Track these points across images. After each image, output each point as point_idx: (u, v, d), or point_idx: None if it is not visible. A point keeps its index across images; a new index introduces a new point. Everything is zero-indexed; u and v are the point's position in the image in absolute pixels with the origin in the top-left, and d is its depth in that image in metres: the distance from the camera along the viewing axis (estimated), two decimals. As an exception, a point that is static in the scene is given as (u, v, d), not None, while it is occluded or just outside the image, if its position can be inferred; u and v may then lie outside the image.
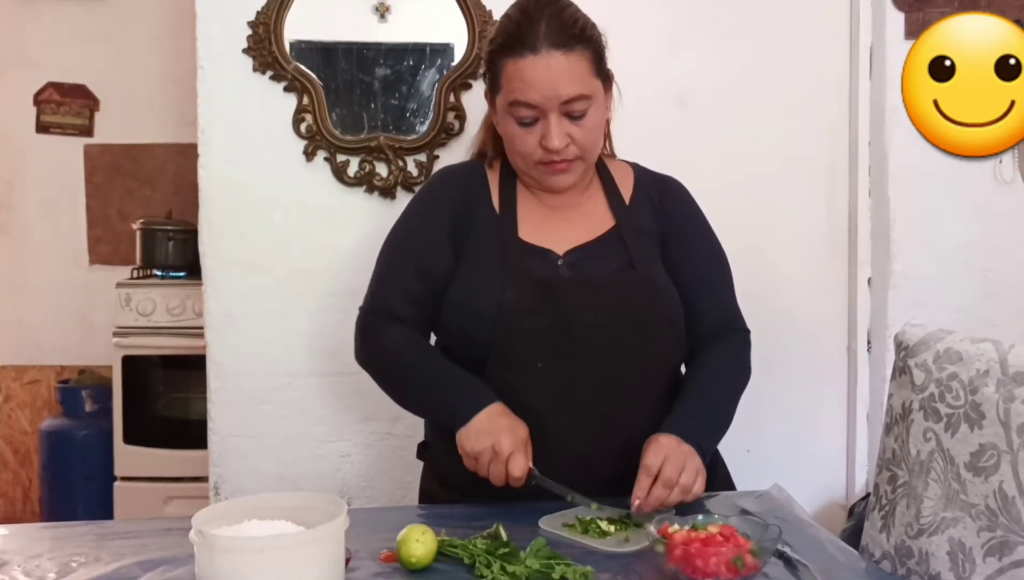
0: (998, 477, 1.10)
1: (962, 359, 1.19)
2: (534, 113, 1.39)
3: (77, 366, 3.55)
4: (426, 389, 1.43)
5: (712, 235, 1.59)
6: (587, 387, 1.39)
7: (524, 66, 1.37)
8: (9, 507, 3.63)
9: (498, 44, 1.42)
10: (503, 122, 1.45)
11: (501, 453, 1.31)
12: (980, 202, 2.23)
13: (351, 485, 2.17)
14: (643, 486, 1.29)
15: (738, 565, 1.07)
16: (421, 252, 1.49)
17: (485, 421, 1.34)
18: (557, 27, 1.38)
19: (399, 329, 1.47)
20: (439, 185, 1.57)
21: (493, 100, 1.47)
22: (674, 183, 1.61)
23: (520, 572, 1.10)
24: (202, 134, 2.09)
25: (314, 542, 1.04)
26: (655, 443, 1.32)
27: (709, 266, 1.56)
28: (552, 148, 1.40)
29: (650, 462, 1.29)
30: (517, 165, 1.48)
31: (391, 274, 1.51)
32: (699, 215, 1.59)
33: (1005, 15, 2.20)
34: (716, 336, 1.52)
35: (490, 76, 1.45)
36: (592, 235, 1.49)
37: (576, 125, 1.41)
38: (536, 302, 1.39)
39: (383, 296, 1.50)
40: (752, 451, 2.24)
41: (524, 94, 1.38)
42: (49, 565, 1.17)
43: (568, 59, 1.38)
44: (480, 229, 1.48)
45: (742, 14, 2.23)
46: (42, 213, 3.59)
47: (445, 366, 1.42)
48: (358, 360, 1.52)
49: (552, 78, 1.37)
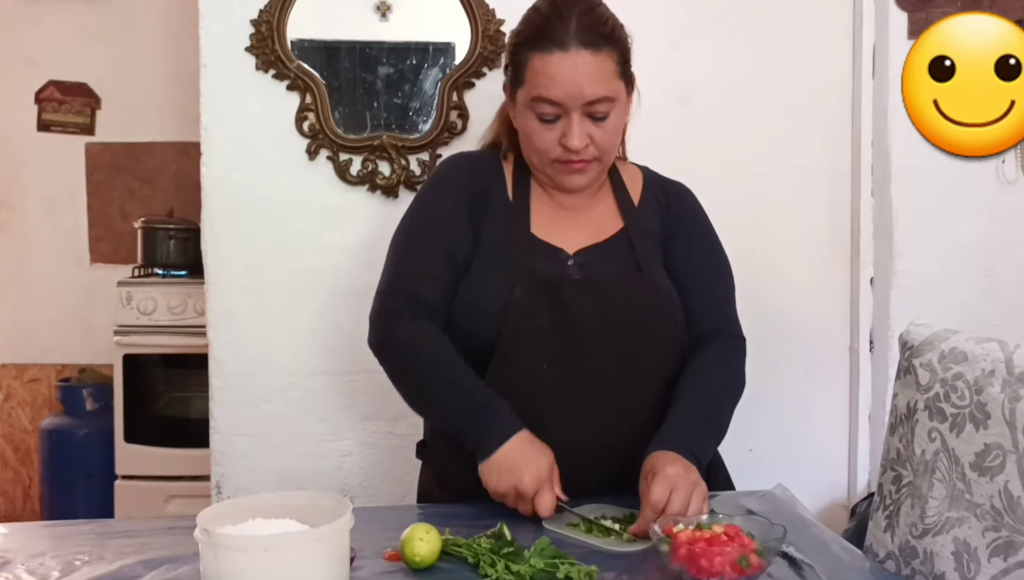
0: (1003, 477, 1.10)
1: (967, 359, 1.18)
2: (556, 110, 1.38)
3: (78, 365, 3.55)
4: (447, 403, 1.38)
5: (716, 241, 1.57)
6: (590, 388, 1.39)
7: (551, 62, 1.36)
8: (9, 506, 3.63)
9: (525, 37, 1.40)
10: (522, 117, 1.43)
11: (525, 494, 1.28)
12: (982, 202, 2.23)
13: (353, 484, 2.17)
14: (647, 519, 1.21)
15: (743, 565, 1.06)
16: (446, 234, 1.45)
17: (509, 457, 1.30)
18: (587, 25, 1.37)
19: (424, 325, 1.41)
20: (456, 170, 1.54)
21: (513, 93, 1.44)
22: (683, 188, 1.60)
23: (524, 571, 1.10)
24: (204, 133, 2.09)
25: (319, 541, 1.03)
26: (662, 474, 1.23)
27: (708, 269, 1.55)
28: (572, 147, 1.39)
29: (657, 497, 1.21)
30: (532, 161, 1.47)
31: (414, 255, 1.45)
32: (704, 220, 1.58)
33: (1007, 15, 2.20)
34: (710, 340, 1.49)
35: (513, 68, 1.43)
36: (601, 237, 1.48)
37: (597, 126, 1.40)
38: (543, 302, 1.38)
39: (407, 278, 1.44)
40: (754, 451, 2.24)
41: (548, 91, 1.36)
42: (53, 563, 1.17)
43: (596, 59, 1.36)
44: (494, 219, 1.46)
45: (745, 13, 2.23)
46: (43, 212, 3.58)
47: (471, 382, 1.36)
48: (371, 345, 1.45)
49: (579, 77, 1.36)
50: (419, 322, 1.41)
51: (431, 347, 1.40)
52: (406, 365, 1.43)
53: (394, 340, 1.43)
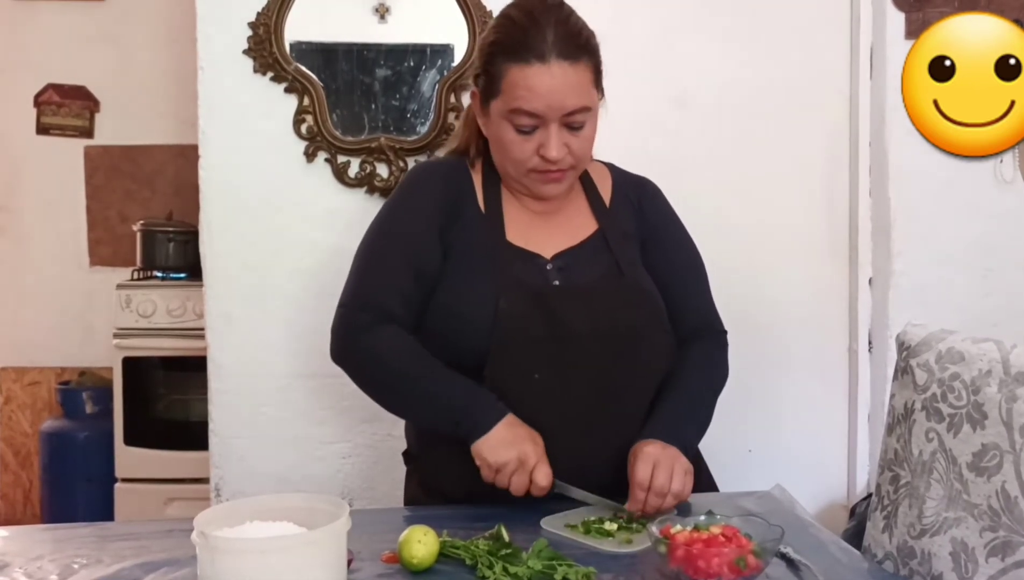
0: (1000, 477, 1.10)
1: (964, 359, 1.18)
2: (534, 122, 1.38)
3: (77, 368, 3.55)
4: (428, 398, 1.39)
5: (687, 237, 1.59)
6: (582, 395, 1.39)
7: (531, 74, 1.35)
8: (9, 509, 3.63)
9: (501, 47, 1.39)
10: (498, 127, 1.41)
11: (527, 462, 1.29)
12: (981, 202, 2.23)
13: (352, 486, 2.17)
14: (638, 499, 1.29)
15: (740, 566, 1.06)
16: (412, 247, 1.44)
17: (506, 432, 1.32)
18: (564, 36, 1.36)
19: (393, 330, 1.41)
20: (425, 179, 1.53)
21: (486, 102, 1.43)
22: (650, 185, 1.61)
23: (522, 573, 1.10)
24: (202, 135, 2.09)
25: (316, 543, 1.03)
26: (642, 454, 1.32)
27: (687, 269, 1.57)
28: (551, 158, 1.38)
29: (641, 475, 1.29)
30: (507, 171, 1.46)
31: (379, 268, 1.45)
32: (675, 218, 1.60)
33: (1005, 15, 2.20)
34: (694, 338, 1.52)
35: (486, 78, 1.42)
36: (577, 239, 1.48)
37: (574, 136, 1.40)
38: (531, 312, 1.38)
39: (371, 291, 1.44)
40: (753, 451, 2.24)
41: (528, 103, 1.36)
42: (51, 567, 1.17)
43: (575, 70, 1.36)
44: (467, 228, 1.45)
45: (742, 13, 2.23)
46: (42, 215, 3.58)
47: (449, 374, 1.37)
48: (335, 358, 1.46)
49: (559, 89, 1.35)
50: (386, 327, 1.41)
51: (400, 349, 1.41)
52: (375, 372, 1.44)
53: (359, 349, 1.43)
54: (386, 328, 1.41)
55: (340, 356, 1.46)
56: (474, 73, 1.47)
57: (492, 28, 1.44)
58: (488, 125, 1.45)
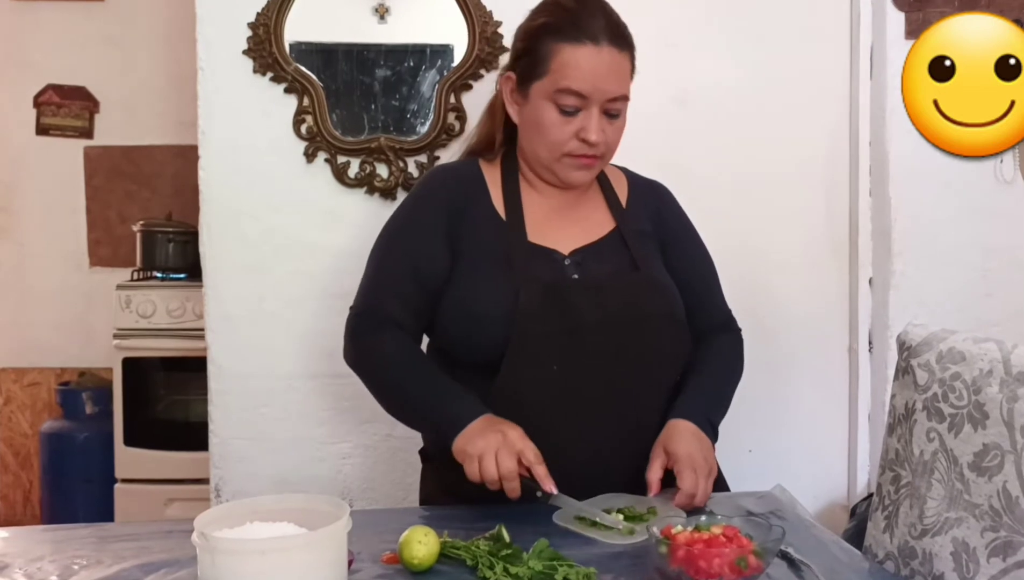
0: (1002, 477, 1.10)
1: (965, 359, 1.18)
2: (579, 103, 1.39)
3: (77, 368, 3.55)
4: (420, 399, 1.41)
5: (700, 239, 1.63)
6: (599, 389, 1.39)
7: (584, 55, 1.37)
8: (9, 510, 3.63)
9: (553, 27, 1.40)
10: (538, 108, 1.42)
11: (511, 443, 1.29)
12: (981, 202, 2.23)
13: (352, 487, 2.16)
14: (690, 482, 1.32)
15: (741, 566, 1.06)
16: (416, 253, 1.46)
17: (482, 423, 1.33)
18: (614, 24, 1.41)
19: (394, 335, 1.45)
20: (434, 184, 1.54)
21: (526, 83, 1.43)
22: (664, 189, 1.64)
23: (523, 574, 1.10)
24: (202, 136, 2.09)
25: (316, 544, 1.03)
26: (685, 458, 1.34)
27: (704, 272, 1.61)
28: (592, 141, 1.40)
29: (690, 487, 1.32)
30: (539, 156, 1.46)
31: (385, 275, 1.48)
32: (689, 222, 1.63)
33: (1005, 15, 2.20)
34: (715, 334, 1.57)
35: (531, 59, 1.42)
36: (594, 236, 1.49)
37: (610, 123, 1.42)
38: (548, 305, 1.39)
39: (377, 298, 1.48)
40: (754, 451, 2.24)
41: (577, 83, 1.38)
42: (51, 568, 1.17)
43: (621, 58, 1.40)
44: (480, 230, 1.46)
45: (742, 14, 2.23)
46: (42, 215, 3.58)
47: (438, 382, 1.40)
48: (347, 361, 1.51)
49: (607, 73, 1.38)
50: (389, 333, 1.45)
51: (400, 353, 1.44)
52: (379, 370, 1.47)
53: (365, 351, 1.48)
54: (390, 334, 1.45)
55: (351, 359, 1.51)
56: (513, 56, 1.49)
57: (538, 12, 1.46)
58: (524, 109, 1.46)
